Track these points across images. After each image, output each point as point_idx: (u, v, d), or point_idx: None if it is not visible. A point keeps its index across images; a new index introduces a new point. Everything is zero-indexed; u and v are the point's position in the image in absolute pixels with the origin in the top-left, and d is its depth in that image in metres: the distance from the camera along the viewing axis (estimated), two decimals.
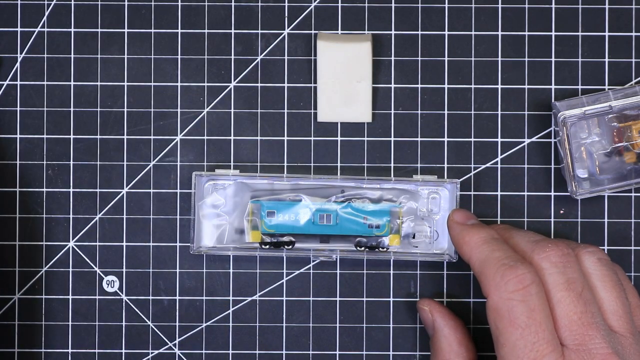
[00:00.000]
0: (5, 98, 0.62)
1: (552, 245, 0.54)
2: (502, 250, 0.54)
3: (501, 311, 0.52)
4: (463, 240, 0.56)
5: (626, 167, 0.60)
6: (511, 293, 0.52)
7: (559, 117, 0.59)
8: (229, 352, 0.62)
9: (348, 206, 0.60)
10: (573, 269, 0.53)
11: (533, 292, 0.52)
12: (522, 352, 0.51)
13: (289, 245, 0.60)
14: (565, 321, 0.52)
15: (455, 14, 0.62)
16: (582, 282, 0.53)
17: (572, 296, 0.52)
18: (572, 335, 0.52)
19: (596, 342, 0.51)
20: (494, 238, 0.55)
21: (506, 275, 0.52)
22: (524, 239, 0.55)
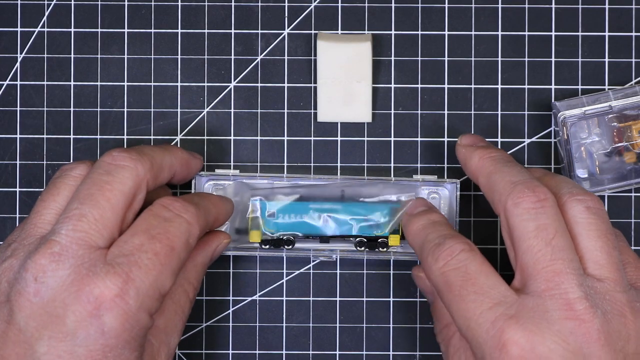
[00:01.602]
0: (5, 98, 0.63)
1: (528, 191, 0.52)
2: (435, 232, 0.54)
3: (440, 285, 0.52)
4: (406, 231, 0.57)
5: (626, 167, 0.60)
6: (443, 267, 0.52)
7: (559, 117, 0.59)
8: (229, 352, 0.62)
9: (348, 206, 0.60)
10: (547, 215, 0.51)
11: (463, 258, 0.52)
12: (466, 312, 0.50)
13: (289, 245, 0.60)
14: (530, 270, 0.50)
15: (455, 14, 0.62)
16: (555, 228, 0.51)
17: (540, 244, 0.50)
18: (537, 283, 0.50)
19: (562, 287, 0.49)
20: (433, 222, 0.56)
21: (435, 253, 0.52)
22: (504, 178, 0.53)
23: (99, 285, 0.49)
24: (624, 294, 0.51)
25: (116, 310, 0.49)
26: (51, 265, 0.50)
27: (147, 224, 0.52)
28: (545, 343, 0.48)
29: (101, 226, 0.51)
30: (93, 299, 0.49)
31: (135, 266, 0.50)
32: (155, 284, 0.50)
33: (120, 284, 0.49)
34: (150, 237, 0.51)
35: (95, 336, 0.49)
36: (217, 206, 0.57)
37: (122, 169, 0.53)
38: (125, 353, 0.50)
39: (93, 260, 0.50)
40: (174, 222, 0.52)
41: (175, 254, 0.52)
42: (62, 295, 0.49)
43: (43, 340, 0.49)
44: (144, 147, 0.56)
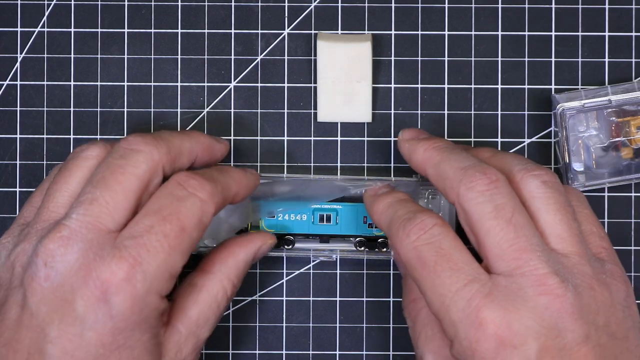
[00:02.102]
0: (5, 98, 0.63)
1: (479, 174, 0.51)
2: (404, 208, 0.53)
3: (411, 261, 0.51)
4: (372, 211, 0.56)
5: (622, 163, 0.60)
6: (414, 241, 0.51)
7: (558, 108, 0.59)
8: (229, 352, 0.62)
9: (348, 206, 0.60)
10: (502, 195, 0.51)
11: (436, 232, 0.51)
12: (441, 288, 0.50)
13: (289, 245, 0.60)
14: (496, 251, 0.50)
15: (455, 14, 0.62)
16: (512, 206, 0.51)
17: (501, 223, 0.50)
18: (505, 263, 0.50)
19: (531, 264, 0.49)
20: (400, 200, 0.55)
21: (407, 227, 0.51)
22: (452, 165, 0.53)
23: (105, 270, 0.49)
24: (589, 267, 0.51)
25: (123, 294, 0.49)
26: (60, 249, 0.50)
27: (160, 203, 0.52)
28: (522, 321, 0.48)
29: (112, 209, 0.51)
30: (100, 283, 0.49)
31: (143, 248, 0.50)
32: (164, 265, 0.50)
33: (127, 267, 0.49)
34: (160, 218, 0.51)
35: (104, 320, 0.49)
36: (239, 181, 0.56)
37: (136, 152, 0.53)
38: (136, 335, 0.50)
39: (102, 243, 0.50)
40: (187, 201, 0.52)
41: (186, 234, 0.51)
42: (71, 280, 0.50)
43: (54, 324, 0.49)
44: (163, 132, 0.55)
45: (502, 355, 0.48)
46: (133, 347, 0.50)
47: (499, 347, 0.48)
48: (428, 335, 0.55)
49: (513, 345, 0.48)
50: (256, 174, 0.58)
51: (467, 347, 0.49)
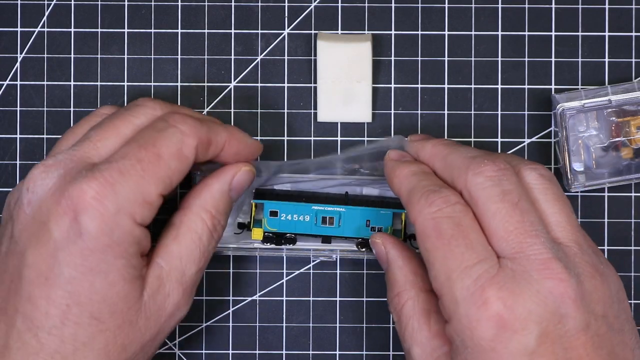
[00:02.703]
0: (5, 98, 0.62)
1: (487, 161, 0.52)
2: (429, 180, 0.54)
3: (427, 230, 0.51)
4: (394, 174, 0.56)
5: (622, 163, 0.60)
6: (436, 212, 0.51)
7: (558, 108, 0.59)
8: (229, 352, 0.62)
9: (350, 208, 0.60)
10: (509, 181, 0.52)
11: (458, 209, 0.51)
12: (453, 262, 0.50)
13: (291, 243, 0.60)
14: (501, 233, 0.50)
15: (455, 14, 0.62)
16: (518, 192, 0.51)
17: (508, 207, 0.51)
18: (510, 246, 0.50)
19: (535, 248, 0.50)
20: (424, 171, 0.55)
21: (431, 197, 0.52)
22: (461, 155, 0.54)
23: (76, 189, 0.50)
24: (589, 257, 0.51)
25: (92, 212, 0.50)
26: (41, 175, 0.52)
27: (140, 135, 0.53)
28: (525, 304, 0.49)
29: (101, 146, 0.53)
30: (70, 201, 0.50)
31: (115, 171, 0.51)
32: (136, 188, 0.51)
33: (97, 186, 0.50)
34: (137, 145, 0.52)
35: (74, 239, 0.50)
36: (233, 134, 0.56)
37: (140, 106, 0.55)
38: (108, 259, 0.50)
39: (79, 169, 0.51)
40: (166, 131, 0.53)
41: (162, 161, 0.52)
42: (47, 202, 0.51)
43: (31, 248, 0.51)
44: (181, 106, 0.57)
45: (501, 337, 0.49)
46: (107, 271, 0.50)
47: (499, 329, 0.49)
48: (414, 328, 0.55)
49: (514, 329, 0.48)
50: (259, 143, 0.58)
51: (466, 325, 0.49)
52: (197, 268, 0.55)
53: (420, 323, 0.55)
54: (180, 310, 0.54)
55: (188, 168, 0.53)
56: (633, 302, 0.62)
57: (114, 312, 0.51)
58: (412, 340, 0.55)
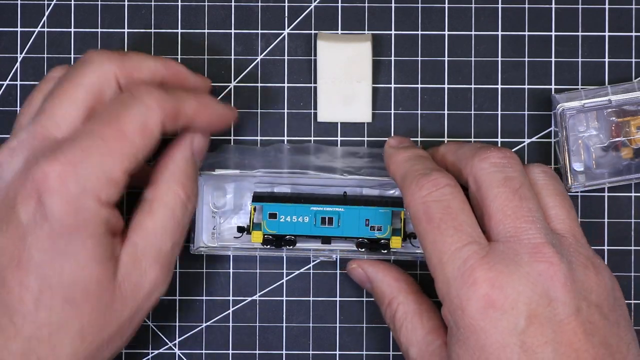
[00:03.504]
0: (5, 98, 0.63)
1: (494, 149, 0.54)
2: (422, 164, 0.55)
3: (418, 214, 0.52)
4: (391, 160, 0.57)
5: (622, 163, 0.60)
6: (425, 196, 0.52)
7: (558, 108, 0.59)
8: (229, 352, 0.62)
9: (350, 208, 0.60)
10: (513, 169, 0.53)
11: (447, 192, 0.52)
12: (443, 244, 0.51)
13: (291, 245, 0.60)
14: (499, 216, 0.52)
15: (455, 14, 0.62)
16: (520, 180, 0.53)
17: (508, 191, 0.52)
18: (505, 229, 0.51)
19: (530, 233, 0.51)
20: (419, 155, 0.56)
21: (421, 181, 0.53)
22: (470, 146, 0.56)
23: (39, 171, 0.50)
24: (585, 249, 0.52)
25: (56, 194, 0.49)
26: (7, 159, 0.52)
27: (104, 109, 0.52)
28: (514, 285, 0.49)
29: (59, 119, 0.52)
30: (34, 184, 0.49)
31: (78, 150, 0.50)
32: (100, 167, 0.50)
33: (59, 168, 0.49)
34: (100, 122, 0.51)
35: (40, 222, 0.50)
36: (203, 102, 0.55)
37: (87, 64, 0.53)
38: (77, 241, 0.50)
39: (43, 149, 0.51)
40: (131, 105, 0.52)
41: (126, 138, 0.51)
42: (14, 185, 0.51)
43: (2, 232, 0.50)
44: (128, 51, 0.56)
45: (490, 316, 0.49)
46: (76, 254, 0.50)
47: (488, 309, 0.49)
48: (408, 329, 0.56)
49: (503, 309, 0.49)
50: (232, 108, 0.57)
51: (457, 305, 0.50)
52: (172, 242, 0.54)
53: (413, 323, 0.56)
54: (159, 288, 0.54)
55: (155, 142, 0.52)
56: (633, 302, 0.62)
57: (87, 295, 0.50)
58: (408, 342, 0.56)
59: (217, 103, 0.56)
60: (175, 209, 0.54)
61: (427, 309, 0.56)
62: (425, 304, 0.57)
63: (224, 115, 0.56)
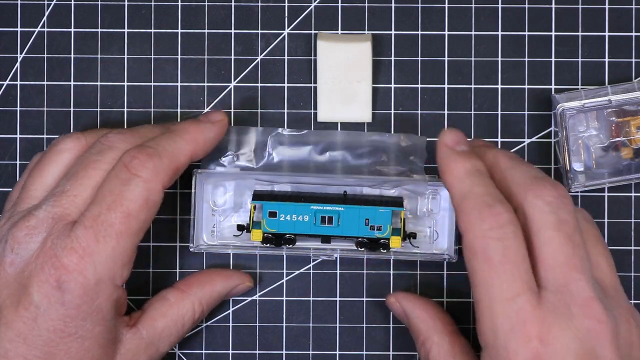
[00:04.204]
0: (5, 98, 0.63)
1: (549, 185, 0.52)
2: (483, 186, 0.52)
3: (475, 249, 0.50)
4: (447, 168, 0.53)
5: (622, 163, 0.60)
6: (486, 231, 0.50)
7: (558, 108, 0.59)
8: (229, 352, 0.62)
9: (350, 207, 0.60)
10: (567, 211, 0.51)
11: (509, 231, 0.50)
12: (496, 290, 0.49)
13: (290, 244, 0.60)
14: (550, 262, 0.50)
15: (455, 14, 0.62)
16: (574, 224, 0.51)
17: (562, 237, 0.50)
18: (556, 277, 0.50)
19: (580, 285, 0.50)
20: (479, 171, 0.53)
21: (483, 212, 0.51)
22: (522, 172, 0.53)
23: (58, 259, 0.52)
24: (625, 302, 0.52)
25: (74, 283, 0.52)
26: (25, 238, 0.53)
27: (107, 189, 0.53)
28: (563, 341, 0.49)
29: (80, 202, 0.54)
30: (54, 271, 0.52)
31: (92, 239, 0.52)
32: (114, 253, 0.53)
33: (77, 259, 0.52)
34: (106, 207, 0.53)
35: (56, 306, 0.52)
36: (193, 140, 0.56)
37: (111, 149, 0.55)
38: (87, 326, 0.53)
39: (60, 232, 0.53)
40: (130, 184, 0.53)
41: (132, 218, 0.53)
42: (30, 267, 0.53)
43: (12, 307, 0.52)
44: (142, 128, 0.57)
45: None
46: (84, 337, 0.53)
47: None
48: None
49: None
50: (220, 118, 0.58)
51: (504, 357, 0.49)
52: (168, 348, 0.58)
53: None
54: None
55: (158, 207, 0.54)
56: (633, 302, 0.62)
57: None
58: None
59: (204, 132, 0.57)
60: (186, 323, 0.58)
61: (460, 350, 0.56)
62: (459, 345, 0.57)
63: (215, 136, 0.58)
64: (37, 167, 0.57)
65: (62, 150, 0.57)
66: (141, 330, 0.56)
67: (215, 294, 0.59)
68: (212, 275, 0.60)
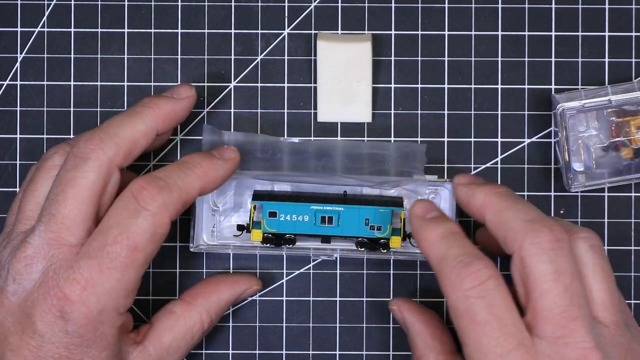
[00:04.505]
0: (5, 98, 0.63)
1: (546, 230, 0.51)
2: (459, 247, 0.52)
3: (459, 310, 0.50)
4: (422, 236, 0.54)
5: (622, 163, 0.60)
6: (467, 290, 0.50)
7: (558, 108, 0.59)
8: (229, 352, 0.62)
9: (350, 207, 0.60)
10: (565, 258, 0.50)
11: (491, 287, 0.50)
12: (486, 348, 0.49)
13: (290, 244, 0.60)
14: (547, 314, 0.49)
15: (455, 14, 0.62)
16: (572, 272, 0.50)
17: (559, 288, 0.50)
18: (553, 328, 0.49)
19: (577, 335, 0.49)
20: (453, 233, 0.53)
21: (462, 273, 0.50)
22: (517, 216, 0.52)
23: (60, 292, 0.52)
24: (624, 338, 0.52)
25: (77, 314, 0.52)
26: (26, 269, 0.53)
27: (113, 220, 0.53)
28: None
29: (70, 223, 0.53)
30: (57, 301, 0.52)
31: (95, 270, 0.52)
32: (118, 285, 0.53)
33: (79, 290, 0.52)
34: (112, 238, 0.53)
35: (60, 335, 0.52)
36: (204, 176, 0.56)
37: (84, 162, 0.54)
38: (93, 352, 0.53)
39: (61, 260, 0.53)
40: (138, 217, 0.53)
41: (138, 251, 0.53)
42: (33, 296, 0.53)
43: (17, 335, 0.53)
44: (112, 125, 0.55)
45: None
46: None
47: None
48: None
49: None
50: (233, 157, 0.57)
51: None
52: (179, 359, 0.58)
53: None
54: None
55: (165, 237, 0.54)
56: (633, 302, 0.62)
57: None
58: None
59: (216, 168, 0.56)
60: (195, 335, 0.58)
61: None
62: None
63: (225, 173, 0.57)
64: (29, 187, 0.57)
65: (52, 167, 0.57)
66: (148, 347, 0.56)
67: (222, 303, 0.59)
68: (218, 283, 0.59)
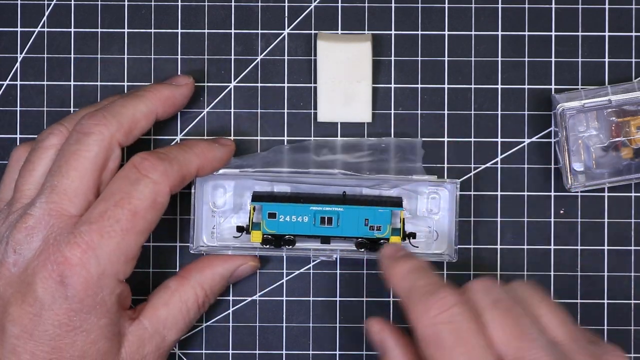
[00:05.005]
0: (5, 98, 0.63)
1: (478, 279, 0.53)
2: (425, 278, 0.53)
3: (427, 338, 0.50)
4: (390, 273, 0.54)
5: (622, 163, 0.60)
6: (434, 318, 0.50)
7: (558, 108, 0.59)
8: (229, 352, 0.62)
9: (349, 208, 0.60)
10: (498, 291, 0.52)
11: (456, 312, 0.50)
12: None
13: (290, 245, 0.60)
14: (500, 338, 0.50)
15: (455, 14, 0.62)
16: (508, 300, 0.51)
17: (500, 313, 0.50)
18: (509, 351, 0.50)
19: (534, 352, 0.49)
20: (419, 267, 0.54)
21: (428, 301, 0.51)
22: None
23: (60, 255, 0.53)
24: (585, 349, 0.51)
25: (77, 277, 0.53)
26: (26, 239, 0.54)
27: (115, 187, 0.55)
28: None
29: (72, 195, 0.54)
30: (57, 266, 0.53)
31: (96, 234, 0.53)
32: (118, 249, 0.54)
33: (80, 253, 0.53)
34: (113, 203, 0.54)
35: (60, 301, 0.53)
36: (202, 155, 0.58)
37: (87, 136, 0.55)
38: (92, 319, 0.53)
39: (61, 229, 0.54)
40: (139, 184, 0.54)
41: (139, 217, 0.54)
42: (33, 264, 0.53)
43: (16, 304, 0.53)
44: (115, 104, 0.57)
45: None
46: (89, 330, 0.54)
47: None
48: None
49: None
50: (229, 144, 0.60)
51: None
52: (177, 336, 0.58)
53: None
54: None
55: (164, 210, 0.55)
56: (633, 302, 0.62)
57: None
58: None
59: (213, 150, 0.59)
60: (190, 310, 0.58)
61: None
62: None
63: (222, 157, 0.59)
64: (26, 166, 0.57)
65: (48, 147, 0.57)
66: (143, 321, 0.56)
67: (217, 277, 0.60)
68: (211, 259, 0.60)
